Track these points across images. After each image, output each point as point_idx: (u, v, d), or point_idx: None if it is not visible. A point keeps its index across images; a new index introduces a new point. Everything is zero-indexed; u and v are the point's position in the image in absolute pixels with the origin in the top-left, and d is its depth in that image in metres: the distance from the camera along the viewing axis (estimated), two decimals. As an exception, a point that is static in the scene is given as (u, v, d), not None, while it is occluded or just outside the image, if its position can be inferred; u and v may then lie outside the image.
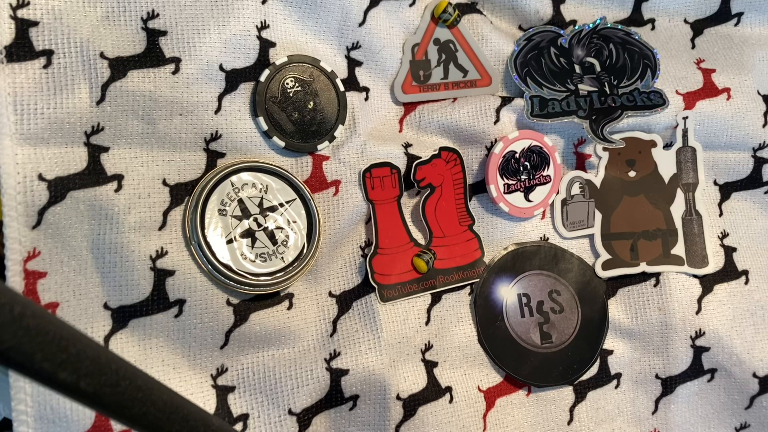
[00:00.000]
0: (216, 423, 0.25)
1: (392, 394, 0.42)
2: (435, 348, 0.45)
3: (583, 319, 0.47)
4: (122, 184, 0.37)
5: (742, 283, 0.50)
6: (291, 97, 0.42)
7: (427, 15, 0.46)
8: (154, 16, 0.38)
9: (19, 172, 0.35)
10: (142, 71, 0.38)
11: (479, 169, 0.47)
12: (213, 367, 0.39)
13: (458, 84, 0.47)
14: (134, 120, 0.38)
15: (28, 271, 0.35)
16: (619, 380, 0.48)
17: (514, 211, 0.47)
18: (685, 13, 0.53)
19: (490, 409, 0.46)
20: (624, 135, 0.48)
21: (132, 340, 0.38)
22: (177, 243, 0.39)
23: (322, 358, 0.41)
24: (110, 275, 0.37)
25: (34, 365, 0.18)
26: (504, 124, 0.47)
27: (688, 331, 0.48)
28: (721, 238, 0.51)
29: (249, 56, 0.41)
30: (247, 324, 0.40)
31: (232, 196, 0.40)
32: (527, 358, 0.46)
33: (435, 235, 0.45)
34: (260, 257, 0.40)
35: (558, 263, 0.48)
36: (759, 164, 0.52)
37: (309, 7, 0.42)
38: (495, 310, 0.46)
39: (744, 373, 0.48)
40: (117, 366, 0.21)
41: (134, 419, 0.22)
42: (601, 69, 0.48)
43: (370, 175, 0.43)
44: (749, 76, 0.51)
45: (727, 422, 0.50)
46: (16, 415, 0.34)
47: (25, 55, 0.35)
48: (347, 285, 0.43)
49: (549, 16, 0.49)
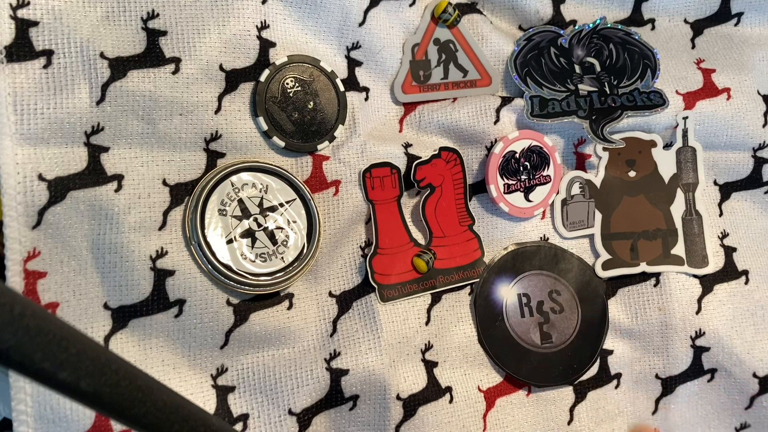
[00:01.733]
0: (216, 423, 0.25)
1: (392, 394, 0.42)
2: (435, 348, 0.45)
3: (583, 319, 0.47)
4: (122, 184, 0.37)
5: (742, 283, 0.50)
6: (291, 97, 0.42)
7: (427, 15, 0.46)
8: (154, 16, 0.38)
9: (19, 172, 0.35)
10: (142, 71, 0.38)
11: (479, 169, 0.47)
12: (213, 367, 0.39)
13: (458, 84, 0.47)
14: (134, 120, 0.38)
15: (28, 271, 0.35)
16: (619, 380, 0.48)
17: (514, 211, 0.47)
18: (685, 13, 0.53)
19: (490, 409, 0.46)
20: (624, 135, 0.48)
21: (132, 340, 0.37)
22: (177, 243, 0.39)
23: (322, 358, 0.41)
24: (110, 275, 0.37)
25: (34, 365, 0.18)
26: (504, 124, 0.47)
27: (688, 331, 0.48)
28: (721, 238, 0.51)
29: (249, 56, 0.41)
30: (247, 324, 0.40)
31: (232, 196, 0.40)
32: (527, 358, 0.46)
33: (435, 235, 0.45)
34: (260, 257, 0.40)
35: (558, 263, 0.48)
36: (759, 164, 0.52)
37: (309, 7, 0.42)
38: (495, 310, 0.46)
39: (744, 373, 0.48)
40: (117, 366, 0.21)
41: (134, 419, 0.22)
42: (601, 69, 0.48)
43: (370, 175, 0.43)
44: (749, 76, 0.51)
45: (727, 422, 0.50)
46: (16, 415, 0.34)
47: (25, 55, 0.35)
48: (347, 285, 0.43)
49: (549, 16, 0.49)
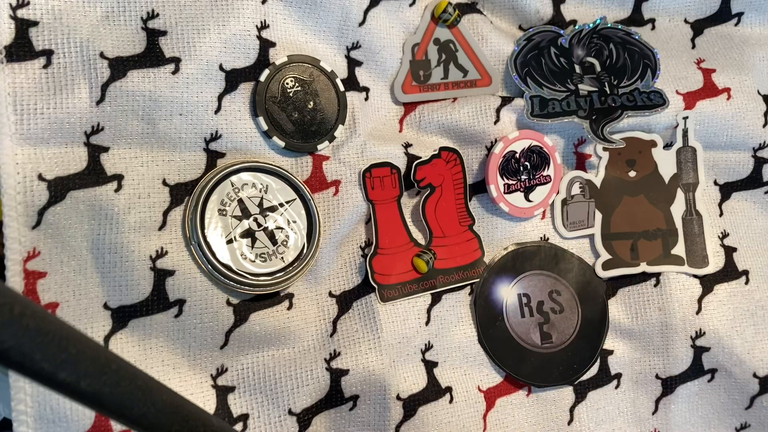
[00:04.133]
0: (216, 423, 0.25)
1: (392, 394, 0.42)
2: (435, 348, 0.45)
3: (583, 319, 0.47)
4: (122, 184, 0.37)
5: (743, 283, 0.50)
6: (291, 97, 0.42)
7: (427, 15, 0.46)
8: (154, 16, 0.38)
9: (19, 172, 0.35)
10: (142, 71, 0.38)
11: (479, 169, 0.47)
12: (213, 367, 0.39)
13: (458, 84, 0.47)
14: (134, 120, 0.38)
15: (28, 271, 0.35)
16: (619, 380, 0.48)
17: (514, 211, 0.47)
18: (685, 13, 0.53)
19: (490, 409, 0.46)
20: (624, 135, 0.48)
21: (132, 340, 0.37)
22: (177, 243, 0.39)
23: (322, 358, 0.41)
24: (110, 275, 0.37)
25: (34, 365, 0.18)
26: (504, 124, 0.47)
27: (688, 331, 0.48)
28: (721, 238, 0.51)
29: (249, 56, 0.41)
30: (247, 324, 0.40)
31: (232, 196, 0.40)
32: (527, 358, 0.46)
33: (435, 235, 0.45)
34: (260, 257, 0.40)
35: (558, 263, 0.48)
36: (759, 164, 0.52)
37: (309, 7, 0.42)
38: (495, 310, 0.46)
39: (744, 373, 0.48)
40: (117, 366, 0.21)
41: (134, 419, 0.22)
42: (601, 69, 0.48)
43: (370, 175, 0.43)
44: (749, 76, 0.51)
45: (727, 422, 0.50)
46: (16, 415, 0.34)
47: (25, 55, 0.35)
48: (347, 285, 0.43)
49: (549, 16, 0.49)
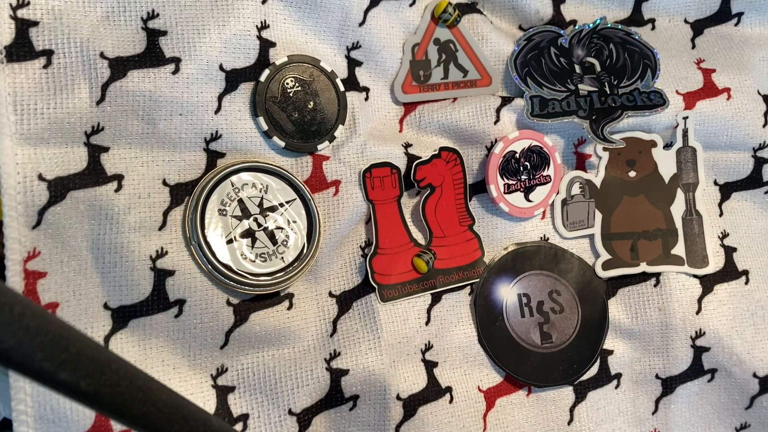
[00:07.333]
0: (216, 423, 0.25)
1: (392, 394, 0.42)
2: (435, 348, 0.45)
3: (583, 319, 0.47)
4: (122, 184, 0.37)
5: (743, 283, 0.50)
6: (291, 97, 0.42)
7: (427, 15, 0.46)
8: (154, 16, 0.38)
9: (19, 172, 0.35)
10: (142, 71, 0.38)
11: (479, 169, 0.47)
12: (213, 367, 0.39)
13: (458, 84, 0.47)
14: (134, 120, 0.38)
15: (28, 271, 0.35)
16: (619, 380, 0.48)
17: (514, 211, 0.47)
18: (685, 13, 0.53)
19: (490, 409, 0.46)
20: (624, 135, 0.48)
21: (132, 340, 0.37)
22: (177, 243, 0.39)
23: (322, 358, 0.41)
24: (110, 275, 0.37)
25: (34, 365, 0.18)
26: (504, 124, 0.47)
27: (688, 331, 0.48)
28: (721, 238, 0.51)
29: (249, 56, 0.41)
30: (247, 324, 0.40)
31: (232, 196, 0.40)
32: (527, 358, 0.46)
33: (435, 235, 0.45)
34: (260, 257, 0.40)
35: (558, 263, 0.48)
36: (759, 164, 0.52)
37: (309, 7, 0.42)
38: (495, 310, 0.46)
39: (744, 373, 0.48)
40: (117, 366, 0.21)
41: (134, 419, 0.22)
42: (601, 69, 0.48)
43: (370, 175, 0.43)
44: (749, 76, 0.51)
45: (727, 422, 0.50)
46: (16, 415, 0.34)
47: (25, 55, 0.35)
48: (347, 285, 0.43)
49: (549, 16, 0.49)
